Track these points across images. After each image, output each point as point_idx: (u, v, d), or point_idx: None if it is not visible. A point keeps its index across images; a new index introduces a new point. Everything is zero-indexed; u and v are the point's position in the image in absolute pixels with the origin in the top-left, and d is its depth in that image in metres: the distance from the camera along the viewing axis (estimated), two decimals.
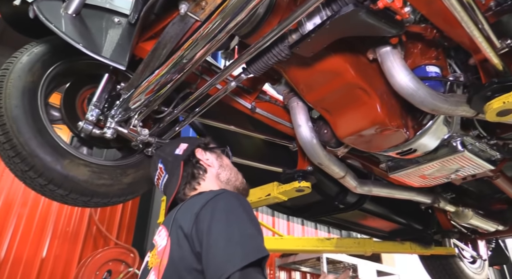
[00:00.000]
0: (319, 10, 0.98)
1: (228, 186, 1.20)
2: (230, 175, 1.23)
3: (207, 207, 0.93)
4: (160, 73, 1.21)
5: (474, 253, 3.12)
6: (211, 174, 1.21)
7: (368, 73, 1.24)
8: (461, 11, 0.83)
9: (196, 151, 1.23)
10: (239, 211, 0.92)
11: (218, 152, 1.30)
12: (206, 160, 1.23)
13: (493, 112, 1.05)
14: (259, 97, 1.54)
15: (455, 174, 1.64)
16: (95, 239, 3.73)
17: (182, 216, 0.97)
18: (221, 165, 1.24)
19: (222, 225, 0.88)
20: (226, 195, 0.98)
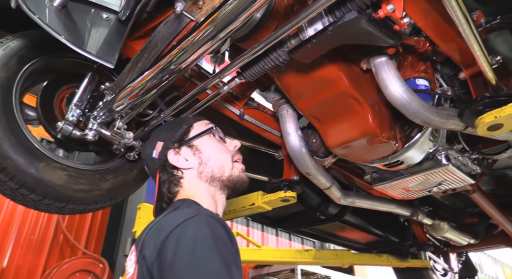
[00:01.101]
0: (321, 16, 0.97)
1: (214, 186, 1.05)
2: (214, 171, 1.06)
3: (172, 236, 0.80)
4: (149, 76, 1.16)
5: (446, 265, 3.19)
6: (190, 178, 1.06)
7: (361, 83, 1.24)
8: (464, 23, 0.84)
9: (168, 155, 1.06)
10: (208, 243, 0.79)
11: (196, 145, 1.09)
12: (181, 163, 1.06)
13: (485, 126, 1.06)
14: (247, 104, 1.51)
15: (438, 187, 1.67)
16: (61, 248, 3.53)
17: (149, 241, 0.85)
18: (200, 162, 1.06)
19: (186, 261, 0.76)
20: (196, 221, 0.83)
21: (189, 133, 1.11)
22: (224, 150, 1.11)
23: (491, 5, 1.14)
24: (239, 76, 1.15)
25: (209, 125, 1.15)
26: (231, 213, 1.81)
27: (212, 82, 1.20)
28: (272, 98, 1.46)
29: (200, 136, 1.10)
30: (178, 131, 1.11)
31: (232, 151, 1.12)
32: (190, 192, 1.03)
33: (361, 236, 2.67)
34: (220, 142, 1.12)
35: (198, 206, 0.97)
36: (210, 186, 1.05)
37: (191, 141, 1.09)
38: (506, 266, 12.86)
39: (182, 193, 1.04)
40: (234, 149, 1.13)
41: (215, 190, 1.06)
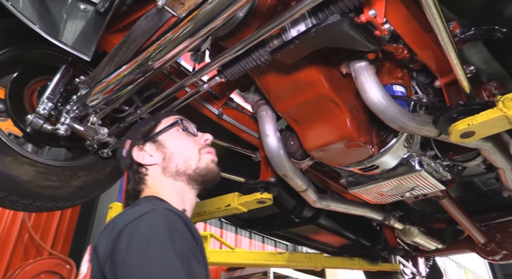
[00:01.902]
0: (305, 18, 0.97)
1: (180, 181, 1.01)
2: (179, 165, 1.01)
3: (125, 233, 0.76)
4: (126, 71, 1.13)
5: (414, 269, 3.27)
6: (154, 174, 1.02)
7: (340, 87, 1.25)
8: (443, 31, 0.86)
9: (133, 152, 1.04)
10: (162, 238, 0.75)
11: (160, 140, 1.05)
12: (145, 159, 1.03)
13: (458, 133, 1.09)
14: (226, 104, 1.50)
15: (410, 192, 1.70)
16: (26, 248, 3.38)
17: (102, 239, 0.81)
18: (164, 157, 1.03)
19: (138, 258, 0.72)
20: (151, 216, 0.79)
21: (156, 128, 1.09)
22: (191, 143, 1.07)
23: (467, 16, 1.17)
24: (220, 74, 1.14)
25: (177, 119, 1.11)
26: (206, 214, 1.79)
27: (192, 80, 1.18)
28: (251, 99, 1.46)
29: (165, 131, 1.07)
30: (145, 128, 1.09)
31: (201, 144, 1.09)
32: (155, 189, 1.00)
33: (334, 239, 2.70)
34: (188, 135, 1.08)
35: (159, 201, 0.94)
36: (176, 181, 1.01)
37: (155, 136, 1.06)
38: (468, 270, 13.35)
39: (146, 190, 1.01)
40: (205, 143, 1.10)
41: (182, 186, 1.02)
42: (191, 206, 1.05)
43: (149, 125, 1.09)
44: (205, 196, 1.86)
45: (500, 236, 2.73)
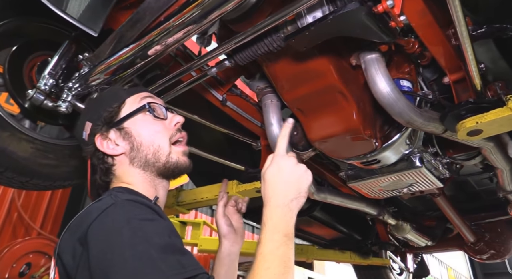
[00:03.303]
0: (322, 4, 0.95)
1: (150, 171, 0.95)
2: (148, 156, 0.94)
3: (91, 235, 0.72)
4: (131, 51, 1.10)
5: (403, 265, 3.31)
6: (122, 164, 0.95)
7: (348, 79, 1.24)
8: (463, 25, 0.84)
9: (96, 140, 0.94)
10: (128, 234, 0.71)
11: (126, 127, 0.95)
12: (110, 149, 0.94)
13: (465, 131, 1.09)
14: (230, 90, 1.47)
15: (408, 188, 1.71)
16: (15, 227, 3.34)
17: (68, 240, 0.77)
18: (132, 147, 0.94)
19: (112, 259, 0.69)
20: (112, 211, 0.76)
21: (120, 112, 0.97)
22: (161, 130, 0.97)
23: (481, 14, 1.16)
24: (229, 59, 1.11)
25: (144, 99, 0.99)
26: (203, 201, 1.78)
27: (199, 63, 1.16)
28: (256, 87, 1.43)
29: (131, 117, 0.96)
30: (107, 111, 0.97)
31: (172, 129, 0.99)
32: (125, 179, 0.95)
33: (326, 232, 2.72)
34: (157, 120, 0.98)
35: (126, 192, 0.88)
36: (146, 171, 0.95)
37: (120, 123, 0.96)
38: (450, 268, 13.65)
39: (115, 181, 0.96)
40: (175, 127, 1.00)
41: (152, 176, 0.96)
42: (164, 192, 1.00)
43: (111, 108, 0.97)
44: (203, 183, 1.84)
45: (489, 236, 2.78)
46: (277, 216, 0.82)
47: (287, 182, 0.87)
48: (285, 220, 0.82)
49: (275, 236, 0.79)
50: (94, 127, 0.96)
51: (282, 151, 0.92)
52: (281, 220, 0.82)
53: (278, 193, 0.85)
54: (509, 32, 1.16)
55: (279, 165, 0.89)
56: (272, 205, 0.84)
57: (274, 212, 0.83)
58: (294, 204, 0.85)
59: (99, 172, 0.96)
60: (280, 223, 0.81)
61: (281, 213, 0.82)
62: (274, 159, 0.92)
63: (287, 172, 0.88)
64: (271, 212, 0.83)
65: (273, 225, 0.80)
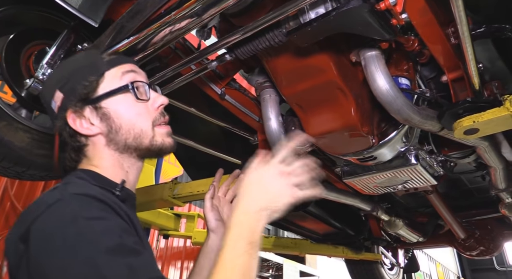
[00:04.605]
0: (325, 1, 0.95)
1: (128, 153, 0.86)
2: (128, 141, 0.85)
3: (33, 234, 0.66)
4: (131, 43, 1.09)
5: (394, 260, 3.35)
6: (96, 145, 0.86)
7: (348, 75, 1.24)
8: (465, 25, 0.85)
9: (68, 116, 0.84)
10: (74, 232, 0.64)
11: (104, 107, 0.85)
12: (84, 128, 0.84)
13: (462, 129, 1.10)
14: (229, 84, 1.47)
15: (403, 185, 1.73)
16: (7, 217, 3.31)
17: (14, 233, 0.71)
18: (110, 129, 0.84)
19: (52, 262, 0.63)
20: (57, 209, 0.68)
21: (98, 88, 0.86)
22: (143, 113, 0.87)
23: (481, 13, 1.17)
24: (230, 53, 1.11)
25: (126, 75, 0.88)
26: (200, 195, 1.78)
27: (201, 57, 1.15)
28: (255, 81, 1.43)
29: (110, 96, 0.85)
30: (82, 85, 0.84)
31: (155, 112, 0.90)
32: (95, 162, 0.86)
33: (319, 226, 2.74)
34: (139, 102, 0.87)
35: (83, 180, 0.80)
36: (123, 154, 0.86)
37: (97, 101, 0.85)
38: (439, 264, 13.85)
39: (85, 162, 0.87)
40: (158, 110, 0.91)
41: (128, 158, 0.88)
42: (138, 172, 0.92)
43: (87, 81, 0.85)
44: (199, 176, 1.85)
45: (479, 233, 2.82)
46: (244, 222, 0.77)
47: (265, 190, 0.81)
48: (251, 228, 0.76)
49: (238, 243, 0.74)
50: (66, 101, 0.85)
51: (278, 161, 0.86)
52: (248, 227, 0.76)
53: (250, 199, 0.80)
54: (508, 32, 1.18)
55: (265, 172, 0.83)
56: (240, 210, 0.79)
57: (242, 218, 0.78)
58: (264, 215, 0.79)
59: (69, 150, 0.86)
60: (246, 230, 0.75)
61: (249, 220, 0.77)
62: (261, 165, 0.85)
63: (269, 181, 0.82)
64: (238, 217, 0.78)
65: (238, 232, 0.75)
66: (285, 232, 5.17)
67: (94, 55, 0.95)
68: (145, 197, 2.10)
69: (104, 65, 0.88)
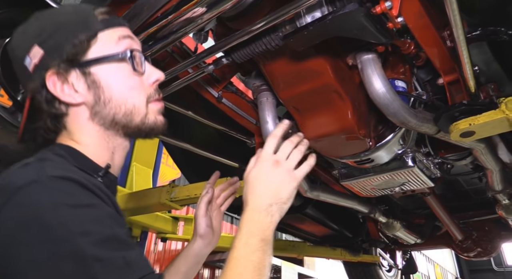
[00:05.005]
0: (321, 5, 0.95)
1: (114, 130, 0.76)
2: (117, 116, 0.74)
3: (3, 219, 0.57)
4: None
5: (392, 262, 3.36)
6: (77, 117, 0.74)
7: (344, 78, 1.24)
8: (460, 28, 0.85)
9: (48, 78, 0.71)
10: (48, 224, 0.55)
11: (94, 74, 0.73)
12: (66, 95, 0.72)
13: (458, 132, 1.10)
14: (226, 87, 1.47)
15: (400, 187, 1.73)
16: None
17: None
18: (97, 100, 0.73)
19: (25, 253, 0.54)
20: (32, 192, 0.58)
21: (89, 50, 0.73)
22: (138, 87, 0.77)
23: (476, 16, 1.18)
24: (227, 56, 1.11)
25: (122, 41, 0.77)
26: (197, 198, 1.77)
27: (195, 60, 1.15)
28: (252, 84, 1.43)
29: (103, 62, 0.74)
30: (70, 43, 0.72)
31: (150, 88, 0.80)
32: (76, 136, 0.75)
33: (317, 229, 2.74)
34: (134, 74, 0.77)
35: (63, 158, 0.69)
36: (108, 130, 0.76)
37: (87, 65, 0.73)
38: (437, 265, 13.87)
39: (65, 135, 0.76)
40: (154, 85, 0.81)
41: (114, 136, 0.78)
42: (124, 154, 0.82)
43: (77, 39, 0.72)
44: (197, 179, 1.84)
45: (476, 234, 2.83)
46: (254, 220, 0.76)
47: (267, 185, 0.82)
48: (262, 225, 0.76)
49: (250, 240, 0.73)
50: (47, 59, 0.71)
51: (268, 152, 0.87)
52: (258, 224, 0.76)
53: (256, 196, 0.80)
54: (503, 36, 1.18)
55: (261, 167, 0.84)
56: (250, 209, 0.79)
57: (251, 216, 0.77)
58: (275, 209, 0.79)
59: (44, 119, 0.74)
60: (257, 227, 0.75)
61: (259, 217, 0.77)
62: (257, 160, 0.87)
63: (267, 175, 0.83)
64: (248, 216, 0.78)
65: (249, 230, 0.75)
66: (283, 234, 5.17)
67: (86, 10, 0.79)
68: (143, 201, 2.10)
69: (98, 24, 0.76)
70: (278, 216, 0.80)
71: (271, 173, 0.83)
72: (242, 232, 0.75)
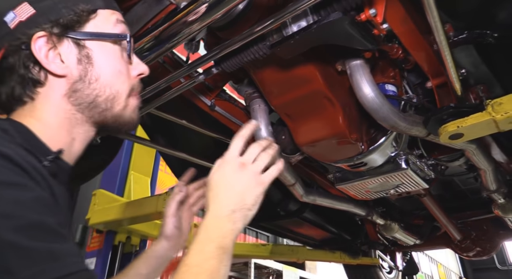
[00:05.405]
0: (306, 14, 0.97)
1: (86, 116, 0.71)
2: (98, 99, 0.70)
3: None
4: None
5: (392, 263, 3.36)
6: (52, 91, 0.68)
7: (334, 84, 1.26)
8: (442, 34, 0.87)
9: (35, 40, 0.66)
10: None
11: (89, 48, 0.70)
12: (51, 63, 0.67)
13: (447, 135, 1.12)
14: (219, 95, 1.49)
15: (395, 189, 1.74)
16: None
17: None
18: (83, 76, 0.69)
19: None
20: None
21: (87, 22, 0.71)
22: (125, 74, 0.76)
23: (461, 20, 1.20)
24: (216, 66, 1.13)
25: (120, 25, 0.76)
26: None
27: (187, 71, 1.17)
28: (245, 92, 1.45)
29: (100, 39, 0.71)
30: (70, 10, 0.69)
31: (134, 79, 0.79)
32: (39, 113, 0.67)
33: (316, 232, 2.74)
34: (123, 60, 0.76)
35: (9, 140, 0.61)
36: (79, 113, 0.70)
37: (83, 38, 0.70)
38: (440, 265, 13.82)
39: (26, 109, 0.68)
40: (138, 77, 0.80)
41: (84, 122, 0.72)
42: (84, 145, 0.76)
43: (77, 9, 0.70)
44: None
45: (475, 234, 2.83)
46: (214, 226, 0.72)
47: (230, 190, 0.76)
48: (222, 232, 0.71)
49: (207, 247, 0.68)
50: (38, 19, 0.67)
51: (233, 154, 0.81)
52: (217, 231, 0.71)
53: (218, 201, 0.75)
54: (488, 38, 1.20)
55: (225, 170, 0.79)
56: (210, 214, 0.74)
57: (211, 222, 0.72)
58: (238, 216, 0.74)
59: (12, 84, 0.67)
60: (216, 234, 0.70)
61: (219, 224, 0.72)
62: (221, 162, 0.81)
63: (231, 179, 0.77)
64: (208, 222, 0.73)
65: (207, 236, 0.70)
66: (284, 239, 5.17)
67: None
68: (140, 209, 2.11)
69: (99, 1, 0.74)
70: (241, 224, 0.75)
71: (236, 176, 0.78)
72: (199, 238, 0.70)
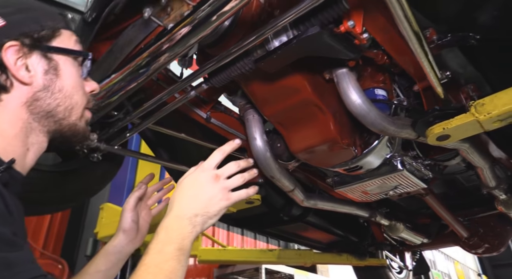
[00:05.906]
0: (286, 29, 1.01)
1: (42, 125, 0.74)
2: (58, 109, 0.75)
3: None
4: (116, 78, 1.17)
5: (401, 263, 3.35)
6: (13, 98, 0.70)
7: (323, 92, 1.30)
8: (416, 43, 0.91)
9: (6, 49, 0.70)
10: None
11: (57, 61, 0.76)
12: (19, 70, 0.71)
13: (434, 136, 1.15)
14: (214, 107, 1.53)
15: (394, 190, 1.76)
16: None
17: None
18: (47, 86, 0.73)
19: None
20: None
21: (53, 38, 0.78)
22: (82, 88, 0.83)
23: (443, 24, 1.23)
24: (206, 81, 1.18)
25: (78, 44, 0.84)
26: None
27: (181, 86, 1.22)
28: (238, 103, 1.49)
29: (65, 54, 0.78)
30: (39, 25, 0.75)
31: (88, 94, 0.86)
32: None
33: (322, 236, 2.76)
34: (79, 75, 0.83)
35: None
36: (36, 122, 0.73)
37: (51, 51, 0.76)
38: (457, 262, 13.61)
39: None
40: (90, 93, 0.87)
41: (39, 133, 0.75)
42: (37, 155, 0.78)
43: (46, 24, 0.76)
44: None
45: (482, 230, 2.82)
46: (175, 227, 0.74)
47: (197, 195, 0.81)
48: (182, 233, 0.73)
49: (166, 247, 0.70)
50: (8, 30, 0.71)
51: (210, 165, 0.88)
52: (178, 232, 0.73)
53: (183, 203, 0.79)
54: (471, 40, 1.23)
55: (198, 176, 0.85)
56: (172, 215, 0.77)
57: (173, 223, 0.75)
58: (199, 220, 0.78)
59: None
60: (176, 235, 0.72)
61: (180, 225, 0.75)
62: (197, 168, 0.88)
63: (202, 186, 0.83)
64: (170, 222, 0.75)
65: (167, 236, 0.72)
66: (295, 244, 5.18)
67: (53, 8, 0.88)
68: None
69: (63, 22, 0.83)
70: (200, 228, 0.78)
71: (207, 185, 0.83)
72: (159, 238, 0.72)
